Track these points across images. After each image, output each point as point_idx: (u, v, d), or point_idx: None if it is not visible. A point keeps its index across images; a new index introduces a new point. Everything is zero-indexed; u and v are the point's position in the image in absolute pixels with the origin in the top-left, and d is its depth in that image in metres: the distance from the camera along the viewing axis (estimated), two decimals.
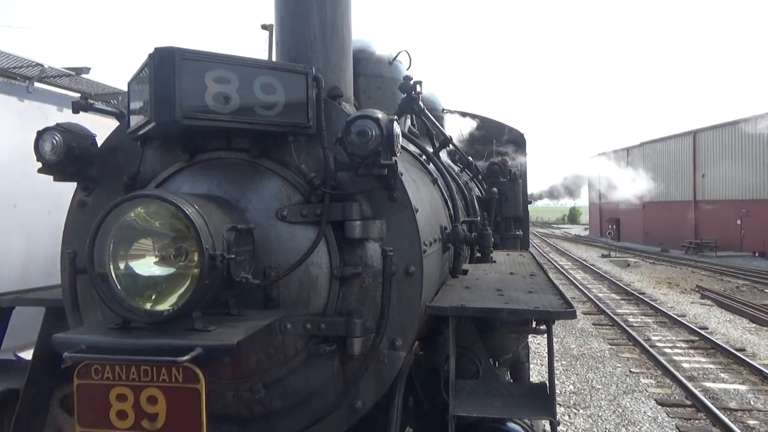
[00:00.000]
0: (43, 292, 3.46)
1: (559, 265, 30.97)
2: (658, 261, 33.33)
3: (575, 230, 74.79)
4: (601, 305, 18.07)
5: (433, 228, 3.17)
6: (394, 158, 2.46)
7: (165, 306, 2.13)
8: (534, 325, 3.44)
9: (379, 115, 2.43)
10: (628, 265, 30.40)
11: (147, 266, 2.18)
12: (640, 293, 20.54)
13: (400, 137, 2.51)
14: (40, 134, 2.63)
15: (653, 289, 22.13)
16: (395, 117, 2.50)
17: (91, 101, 2.97)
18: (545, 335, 2.80)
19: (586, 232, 64.95)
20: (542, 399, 2.61)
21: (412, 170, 3.28)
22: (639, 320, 16.24)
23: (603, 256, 35.81)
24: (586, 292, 20.95)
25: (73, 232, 2.85)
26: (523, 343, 4.39)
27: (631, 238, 46.75)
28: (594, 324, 15.76)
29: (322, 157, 2.61)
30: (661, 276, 26.09)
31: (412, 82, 3.77)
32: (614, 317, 16.13)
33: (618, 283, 23.36)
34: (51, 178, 2.76)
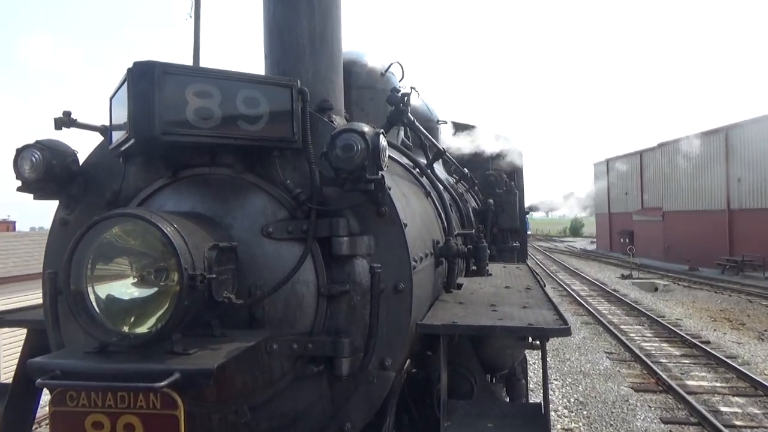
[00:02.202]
0: (26, 313, 3.38)
1: (572, 290, 24.89)
2: (693, 284, 26.76)
3: (580, 243, 68.21)
4: (657, 370, 11.95)
5: (424, 242, 3.10)
6: (380, 172, 2.40)
7: (143, 328, 2.06)
8: (530, 341, 3.37)
9: (365, 128, 2.38)
10: (656, 289, 25.51)
11: (125, 287, 2.11)
12: (703, 341, 14.53)
13: (387, 151, 2.45)
14: (19, 152, 2.57)
15: (715, 332, 16.13)
16: (381, 130, 2.44)
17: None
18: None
19: (593, 246, 58.86)
20: (537, 419, 2.52)
21: (402, 184, 3.22)
22: (739, 410, 9.82)
23: (623, 276, 30.18)
24: (625, 341, 14.86)
25: (55, 252, 2.78)
26: (520, 359, 4.30)
27: (649, 254, 39.09)
28: (665, 421, 9.44)
29: (308, 171, 2.55)
30: (711, 307, 20.46)
31: (399, 94, 3.72)
32: (692, 401, 9.93)
33: (661, 321, 17.31)
34: None
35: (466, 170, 6.83)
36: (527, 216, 10.95)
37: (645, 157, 44.04)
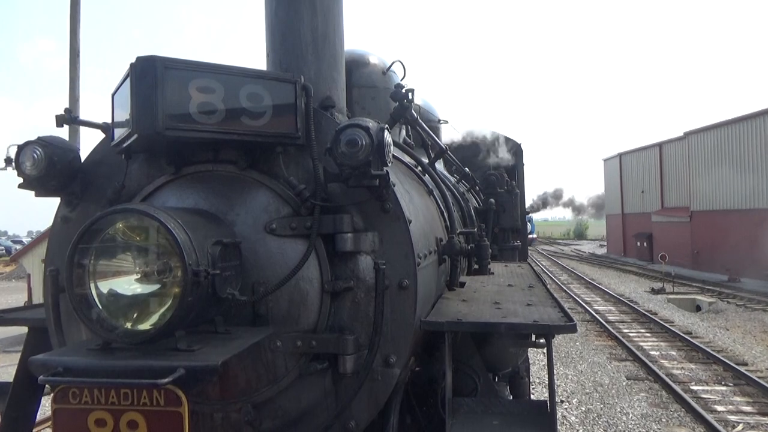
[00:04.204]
0: (26, 311, 3.36)
1: (596, 311, 18.97)
2: (748, 302, 20.67)
3: (586, 247, 61.88)
4: None
5: (428, 240, 3.09)
6: (385, 168, 2.38)
7: (147, 325, 2.04)
8: (534, 338, 3.35)
9: (370, 123, 2.36)
10: (699, 308, 20.76)
11: (128, 284, 2.09)
12: None
13: (392, 146, 2.44)
14: (21, 148, 2.55)
15: None
16: (386, 126, 2.42)
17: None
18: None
19: (602, 250, 53.44)
20: (542, 417, 2.51)
21: (406, 181, 3.20)
22: None
23: (654, 291, 24.11)
24: (714, 423, 8.78)
25: (56, 249, 2.76)
26: (523, 357, 4.29)
27: (673, 261, 31.20)
28: None
29: (311, 168, 2.53)
30: None
31: (404, 90, 3.71)
32: None
33: (747, 373, 11.21)
34: None
35: (467, 169, 6.81)
36: (530, 217, 10.94)
37: (666, 150, 38.16)
